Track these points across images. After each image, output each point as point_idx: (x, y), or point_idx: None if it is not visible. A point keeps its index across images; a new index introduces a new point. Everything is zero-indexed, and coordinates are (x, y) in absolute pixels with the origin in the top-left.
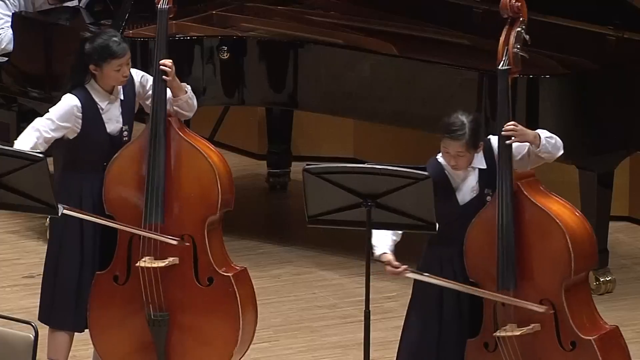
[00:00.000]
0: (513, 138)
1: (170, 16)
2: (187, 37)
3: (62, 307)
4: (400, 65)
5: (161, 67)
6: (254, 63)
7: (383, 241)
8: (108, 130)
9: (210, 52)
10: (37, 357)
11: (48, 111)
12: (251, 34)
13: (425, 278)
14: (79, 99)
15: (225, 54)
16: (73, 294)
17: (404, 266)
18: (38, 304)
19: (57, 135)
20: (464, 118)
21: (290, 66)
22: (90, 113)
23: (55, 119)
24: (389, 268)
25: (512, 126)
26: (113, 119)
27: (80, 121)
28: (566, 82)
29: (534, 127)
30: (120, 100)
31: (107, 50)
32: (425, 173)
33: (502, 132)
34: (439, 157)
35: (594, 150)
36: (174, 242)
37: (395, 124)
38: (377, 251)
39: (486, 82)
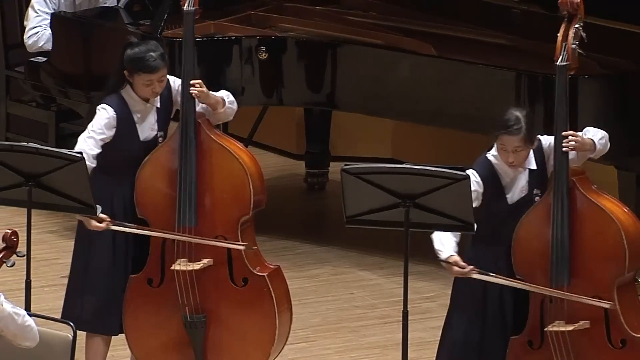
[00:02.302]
0: (572, 145)
1: (196, 17)
2: (225, 37)
3: (94, 310)
4: (438, 66)
5: (191, 92)
6: (292, 63)
7: (447, 244)
8: (141, 138)
9: (248, 52)
10: (75, 357)
11: (88, 128)
12: (290, 34)
13: (491, 278)
14: (113, 107)
15: (264, 54)
16: (105, 297)
17: (470, 267)
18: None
19: (101, 148)
20: (518, 113)
21: (329, 66)
22: (124, 121)
23: (97, 136)
24: (455, 269)
25: (572, 138)
26: (147, 127)
27: (115, 129)
28: (606, 82)
29: (573, 128)
30: (157, 107)
31: (140, 63)
32: (464, 173)
33: (564, 149)
34: (489, 155)
35: (633, 151)
36: (242, 247)
37: (434, 124)
38: (443, 254)
39: (524, 83)
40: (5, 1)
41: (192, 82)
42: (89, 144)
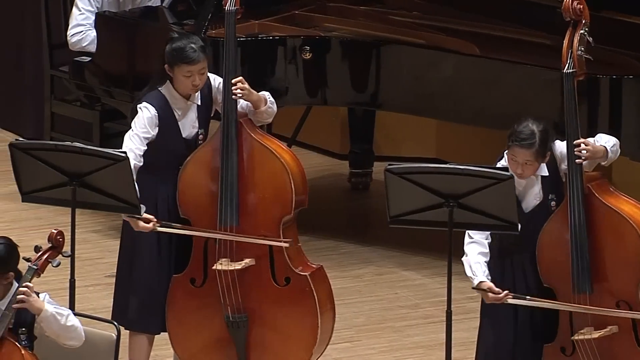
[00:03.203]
0: (584, 154)
1: (238, 17)
2: (269, 37)
3: (138, 309)
4: (482, 66)
5: (233, 91)
6: (336, 63)
7: (479, 270)
8: (183, 135)
9: (292, 52)
10: (119, 356)
11: (131, 127)
12: (334, 34)
13: (527, 302)
14: (154, 106)
15: (308, 54)
16: (149, 296)
17: (505, 292)
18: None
19: (146, 147)
20: (534, 127)
21: (373, 66)
22: (166, 119)
23: (141, 134)
24: (490, 295)
25: (584, 147)
26: (189, 124)
27: (157, 128)
28: None
29: (616, 128)
30: (197, 105)
31: (181, 54)
32: (508, 173)
33: (576, 157)
34: (500, 164)
35: None
36: (285, 244)
37: (478, 124)
38: (476, 280)
39: None
40: (50, 1)
41: (233, 80)
42: (135, 142)
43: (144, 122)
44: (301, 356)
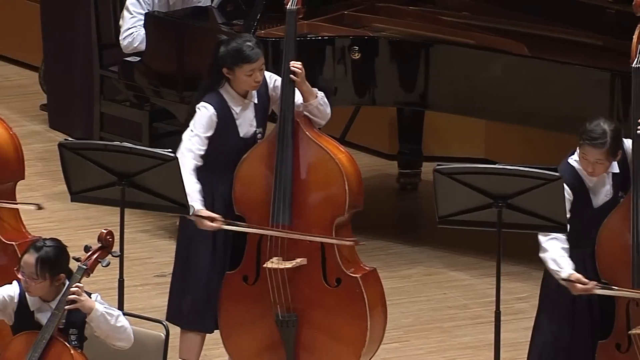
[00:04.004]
0: None
1: (300, 17)
2: (318, 37)
3: (192, 307)
4: (531, 66)
5: (291, 67)
6: (385, 63)
7: (565, 262)
8: (241, 134)
9: (341, 52)
10: (167, 356)
11: (190, 127)
12: (383, 34)
13: (615, 292)
14: (213, 105)
15: (357, 54)
16: (203, 295)
17: (593, 282)
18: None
19: (206, 147)
20: (606, 126)
21: (422, 66)
22: (225, 118)
23: (201, 134)
24: (579, 286)
25: None
26: (246, 123)
27: (215, 127)
28: None
29: None
30: (254, 103)
31: (240, 55)
32: (557, 174)
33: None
34: (571, 161)
35: None
36: (350, 243)
37: (527, 124)
38: (563, 273)
39: (618, 83)
40: (100, 2)
41: (293, 62)
42: (194, 142)
43: (203, 122)
44: (349, 357)
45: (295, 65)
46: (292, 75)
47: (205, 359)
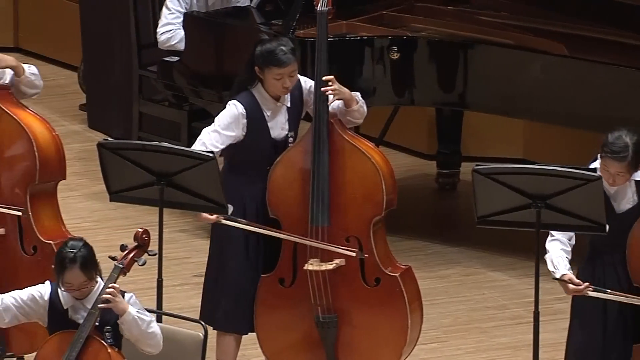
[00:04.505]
0: None
1: (329, 17)
2: (357, 37)
3: (225, 310)
4: (570, 66)
5: (323, 91)
6: (424, 63)
7: (561, 263)
8: (272, 136)
9: (380, 52)
10: (206, 356)
11: (214, 120)
12: (421, 34)
13: (608, 295)
14: (243, 105)
15: (395, 54)
16: (236, 297)
17: (586, 284)
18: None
19: (224, 145)
20: (627, 139)
21: (460, 66)
22: (255, 119)
23: (221, 130)
24: (571, 287)
25: None
26: (278, 126)
27: (245, 127)
28: None
29: None
30: (287, 107)
31: (271, 57)
32: (596, 174)
33: None
34: (594, 166)
35: None
36: (352, 254)
37: (566, 124)
38: (557, 273)
39: None
40: (139, 2)
41: (325, 78)
42: (211, 137)
43: (227, 119)
44: (390, 357)
45: (328, 88)
46: (328, 95)
47: (243, 359)
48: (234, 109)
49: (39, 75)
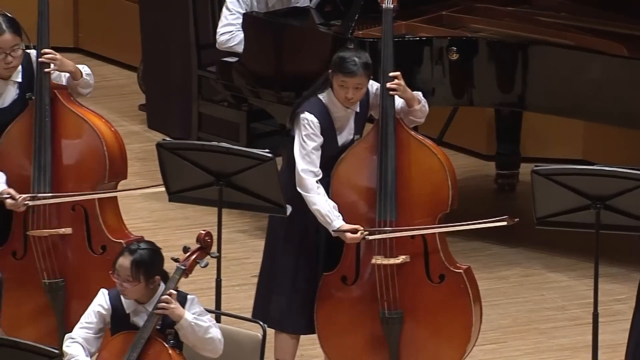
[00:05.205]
0: None
1: (394, 15)
2: (416, 37)
3: (278, 309)
4: (630, 67)
5: (389, 86)
6: (483, 64)
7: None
8: (339, 142)
9: (439, 52)
10: (265, 356)
11: (300, 144)
12: (481, 35)
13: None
14: (315, 115)
15: (455, 54)
16: (291, 295)
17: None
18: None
19: (319, 159)
20: None
21: (520, 67)
22: (325, 128)
23: (314, 151)
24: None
25: None
26: (346, 132)
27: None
28: None
29: None
30: (356, 112)
31: (341, 63)
32: None
33: None
34: None
35: None
36: (504, 223)
37: (626, 125)
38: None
39: None
40: (198, 2)
41: (391, 74)
42: (312, 160)
43: (312, 136)
44: (453, 355)
45: (394, 82)
46: (392, 92)
47: (302, 359)
48: (312, 125)
49: (92, 73)
